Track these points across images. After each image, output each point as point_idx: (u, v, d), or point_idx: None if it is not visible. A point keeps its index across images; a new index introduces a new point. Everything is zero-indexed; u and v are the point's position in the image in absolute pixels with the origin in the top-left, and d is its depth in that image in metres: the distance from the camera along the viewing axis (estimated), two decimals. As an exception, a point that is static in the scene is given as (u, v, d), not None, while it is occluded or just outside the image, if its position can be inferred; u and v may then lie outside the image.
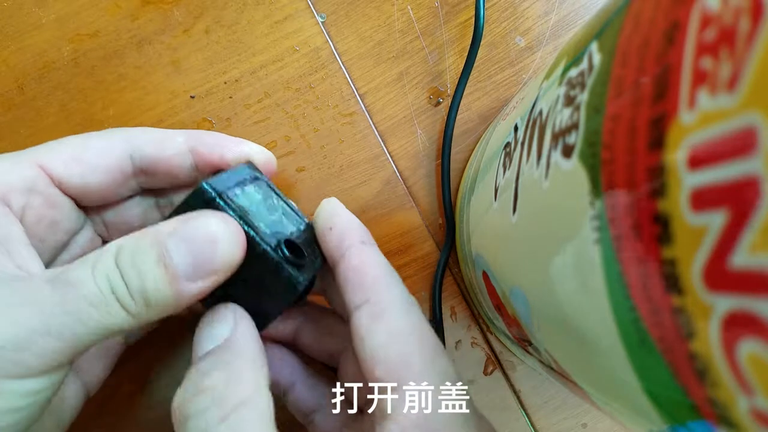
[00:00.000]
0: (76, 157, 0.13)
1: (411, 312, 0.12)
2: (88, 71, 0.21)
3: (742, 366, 0.06)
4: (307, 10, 0.22)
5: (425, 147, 0.22)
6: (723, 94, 0.06)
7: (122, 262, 0.11)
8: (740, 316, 0.06)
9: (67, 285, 0.10)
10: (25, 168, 0.13)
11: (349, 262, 0.13)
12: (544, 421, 0.21)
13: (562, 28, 0.22)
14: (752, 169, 0.06)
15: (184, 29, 0.21)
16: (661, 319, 0.07)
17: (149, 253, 0.11)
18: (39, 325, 0.10)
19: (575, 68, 0.10)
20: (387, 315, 0.12)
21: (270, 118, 0.21)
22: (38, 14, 0.21)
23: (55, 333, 0.10)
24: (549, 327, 0.11)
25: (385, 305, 0.12)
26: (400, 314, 0.12)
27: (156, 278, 0.10)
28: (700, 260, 0.06)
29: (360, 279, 0.12)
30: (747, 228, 0.06)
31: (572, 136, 0.09)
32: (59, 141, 0.14)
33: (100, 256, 0.11)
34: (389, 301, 0.12)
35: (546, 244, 0.10)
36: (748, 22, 0.06)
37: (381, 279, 0.12)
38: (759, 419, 0.06)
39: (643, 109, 0.07)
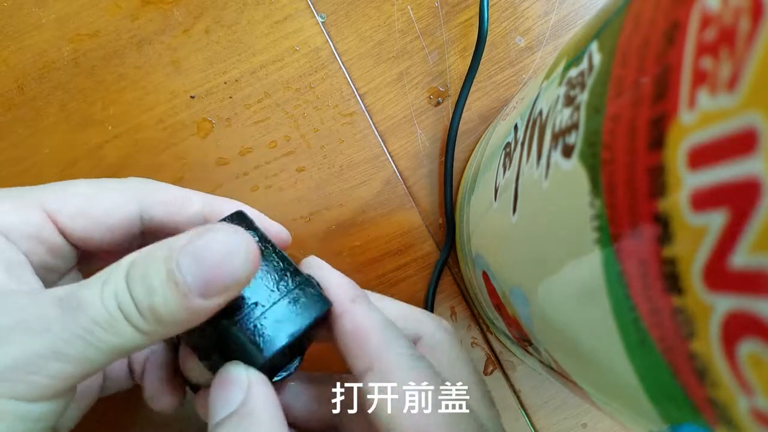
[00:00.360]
0: (84, 211, 0.13)
1: (414, 368, 0.12)
2: (88, 71, 0.21)
3: (742, 366, 0.06)
4: (307, 10, 0.22)
5: (425, 147, 0.22)
6: (723, 94, 0.06)
7: (132, 279, 0.10)
8: (740, 316, 0.06)
9: (75, 306, 0.10)
10: (33, 214, 0.12)
11: (345, 329, 0.12)
12: (544, 421, 0.21)
13: (562, 28, 0.22)
14: (752, 169, 0.06)
15: (184, 29, 0.21)
16: (661, 319, 0.07)
17: (160, 268, 0.10)
18: (49, 349, 0.10)
19: (575, 68, 0.10)
20: (394, 380, 0.11)
21: (270, 118, 0.21)
22: (38, 14, 0.21)
23: (66, 356, 0.10)
24: (549, 327, 0.11)
25: (391, 370, 0.11)
26: (407, 377, 0.11)
27: (166, 295, 0.10)
28: (700, 260, 0.06)
29: (359, 346, 0.12)
30: (747, 228, 0.06)
31: (572, 136, 0.09)
32: (68, 184, 0.13)
33: (112, 272, 0.10)
34: (394, 365, 0.11)
35: (546, 243, 0.10)
36: (748, 22, 0.06)
37: (381, 343, 0.12)
38: (759, 419, 0.06)
39: (643, 109, 0.07)
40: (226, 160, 0.21)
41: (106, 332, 0.10)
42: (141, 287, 0.10)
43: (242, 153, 0.21)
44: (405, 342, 0.12)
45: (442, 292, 0.22)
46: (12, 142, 0.21)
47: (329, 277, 0.13)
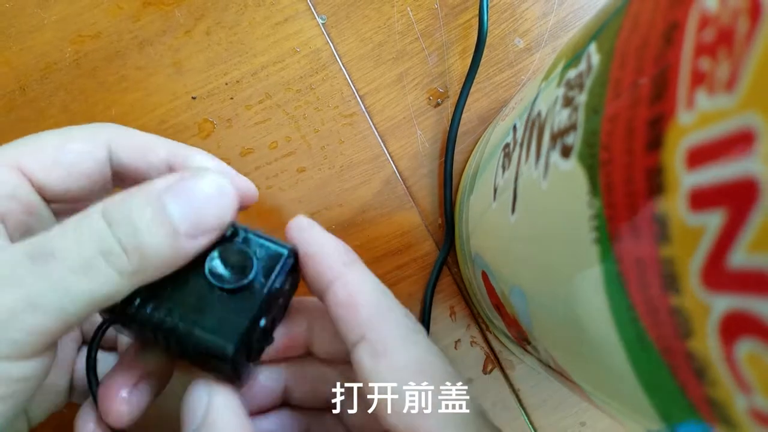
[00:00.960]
0: (57, 160, 0.12)
1: (414, 342, 0.11)
2: (90, 72, 0.21)
3: (740, 365, 0.06)
4: (308, 11, 0.22)
5: (425, 147, 0.22)
6: (721, 95, 0.06)
7: (114, 221, 0.10)
8: (738, 315, 0.06)
9: (48, 255, 0.09)
10: (6, 173, 0.12)
11: (336, 297, 0.11)
12: (543, 419, 0.21)
13: (561, 29, 0.22)
14: (750, 169, 0.06)
15: (186, 30, 0.21)
16: (659, 319, 0.07)
17: (144, 208, 0.10)
18: (23, 302, 0.09)
19: (574, 69, 0.10)
20: (388, 352, 0.11)
21: (271, 119, 0.21)
22: (40, 15, 0.21)
23: (41, 309, 0.09)
24: (548, 326, 0.11)
25: (384, 341, 0.11)
26: (402, 348, 0.11)
27: (153, 233, 0.10)
28: (698, 260, 0.06)
29: (352, 315, 0.11)
30: (745, 228, 0.06)
31: (571, 137, 0.09)
32: (37, 137, 0.13)
33: (84, 218, 0.10)
34: (388, 335, 0.11)
35: (545, 243, 0.10)
36: (746, 22, 0.06)
37: (374, 311, 0.11)
38: (757, 418, 0.06)
39: (641, 110, 0.07)
40: (227, 161, 0.21)
41: (82, 279, 0.09)
42: (125, 227, 0.10)
43: (243, 154, 0.21)
44: (402, 312, 0.12)
45: (441, 291, 0.22)
46: (14, 142, 0.21)
47: (319, 239, 0.12)
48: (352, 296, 0.11)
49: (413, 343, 0.11)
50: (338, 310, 0.11)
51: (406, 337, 0.11)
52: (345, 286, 0.11)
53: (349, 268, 0.12)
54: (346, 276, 0.12)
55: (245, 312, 0.11)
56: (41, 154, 0.12)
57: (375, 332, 0.11)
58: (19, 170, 0.12)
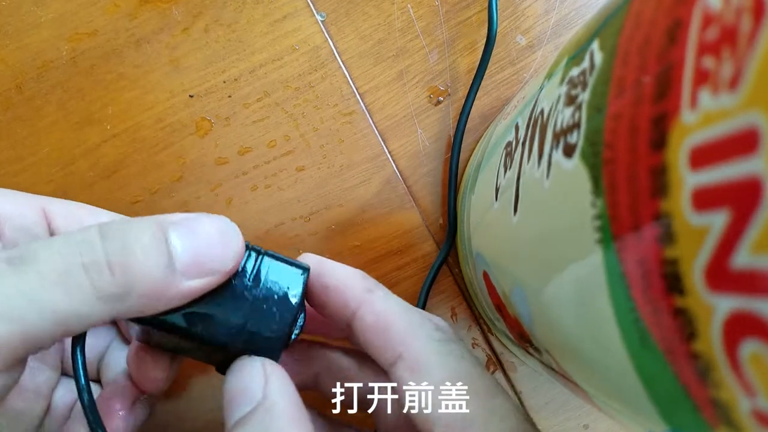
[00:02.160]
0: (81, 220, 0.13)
1: (449, 353, 0.11)
2: (87, 70, 0.21)
3: (744, 367, 0.06)
4: (307, 8, 0.21)
5: (425, 146, 0.22)
6: (725, 94, 0.06)
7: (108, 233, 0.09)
8: (742, 316, 0.06)
9: (27, 259, 0.09)
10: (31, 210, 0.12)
11: (366, 322, 0.11)
12: (546, 422, 0.21)
13: (563, 27, 0.22)
14: (754, 168, 0.06)
15: (183, 28, 0.21)
16: (662, 320, 0.07)
17: (144, 231, 0.09)
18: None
19: (576, 67, 0.10)
20: (425, 368, 0.11)
21: (269, 117, 0.21)
22: (37, 13, 0.21)
23: (4, 316, 0.08)
24: (550, 327, 0.11)
25: (419, 358, 0.11)
26: (437, 363, 0.11)
27: (147, 256, 0.09)
28: (701, 260, 0.06)
29: (384, 337, 0.11)
30: (749, 228, 0.06)
31: (574, 136, 0.09)
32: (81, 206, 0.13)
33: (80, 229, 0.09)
34: (422, 351, 0.11)
35: (547, 243, 0.10)
36: (750, 21, 0.06)
37: (405, 330, 0.11)
38: (761, 420, 0.06)
39: (644, 109, 0.07)
40: (225, 160, 0.21)
41: (55, 290, 0.08)
42: (117, 243, 0.09)
43: (241, 152, 0.21)
44: (432, 325, 0.12)
45: (442, 292, 0.22)
46: (10, 141, 0.21)
47: (334, 269, 0.12)
48: (381, 318, 0.11)
49: (447, 354, 0.11)
50: (369, 335, 0.11)
51: (439, 351, 0.11)
52: (373, 310, 0.11)
53: (372, 293, 0.12)
54: (371, 301, 0.12)
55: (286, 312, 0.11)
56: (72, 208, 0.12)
57: (410, 350, 0.11)
58: (43, 211, 0.12)
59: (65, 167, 0.21)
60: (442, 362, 0.11)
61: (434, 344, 0.11)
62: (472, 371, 0.11)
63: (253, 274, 0.11)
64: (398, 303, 0.12)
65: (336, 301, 0.12)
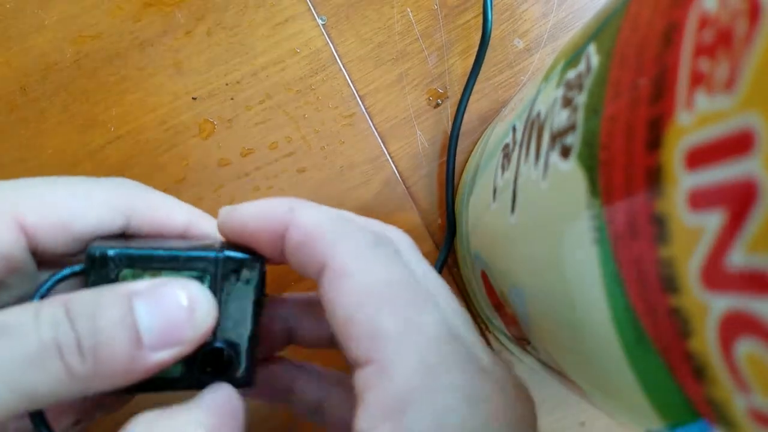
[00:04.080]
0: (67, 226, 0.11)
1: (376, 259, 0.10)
2: (91, 73, 0.21)
3: (740, 365, 0.06)
4: (308, 12, 0.22)
5: (425, 148, 0.22)
6: (720, 95, 0.06)
7: (75, 312, 0.09)
8: (737, 315, 0.06)
9: (3, 331, 0.09)
10: (6, 231, 0.10)
11: (292, 241, 0.10)
12: (542, 419, 0.21)
13: (561, 30, 0.22)
14: (749, 169, 0.06)
15: (186, 31, 0.21)
16: (658, 319, 0.07)
17: (110, 308, 0.09)
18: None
19: (573, 70, 0.10)
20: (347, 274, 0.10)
21: (271, 120, 0.21)
22: (41, 16, 0.21)
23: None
24: (547, 326, 0.11)
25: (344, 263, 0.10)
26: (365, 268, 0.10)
27: (115, 336, 0.09)
28: (697, 260, 0.06)
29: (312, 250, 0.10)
30: (744, 228, 0.06)
31: (570, 137, 0.09)
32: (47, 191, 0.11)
33: (47, 305, 0.09)
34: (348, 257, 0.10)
35: (544, 244, 0.10)
36: (745, 23, 0.06)
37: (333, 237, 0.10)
38: (756, 418, 0.06)
39: (640, 110, 0.07)
40: (228, 161, 0.21)
41: (29, 367, 0.08)
42: (86, 322, 0.09)
43: (244, 154, 0.21)
44: (367, 233, 0.10)
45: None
46: (15, 143, 0.21)
47: (248, 209, 0.11)
48: (308, 232, 0.10)
49: (375, 259, 0.10)
50: (299, 254, 0.10)
51: (367, 256, 0.10)
52: (297, 228, 0.10)
53: (296, 211, 0.11)
54: (296, 218, 0.11)
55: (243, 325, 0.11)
56: (51, 215, 0.11)
57: (334, 259, 0.10)
58: (19, 224, 0.10)
59: (69, 169, 0.21)
60: (368, 268, 0.10)
61: (363, 250, 0.10)
62: (402, 279, 0.10)
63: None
64: (327, 213, 0.11)
65: (261, 233, 0.11)
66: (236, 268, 0.11)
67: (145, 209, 0.12)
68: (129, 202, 0.12)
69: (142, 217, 0.12)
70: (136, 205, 0.12)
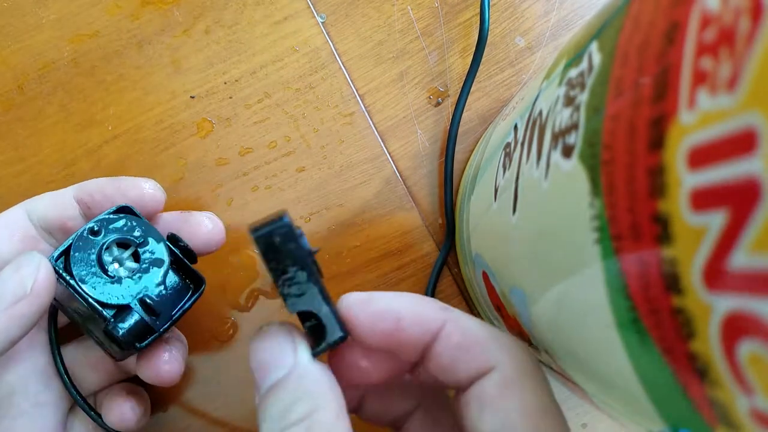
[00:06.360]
0: None
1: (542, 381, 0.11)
2: (88, 71, 0.21)
3: (742, 366, 0.06)
4: (307, 10, 0.22)
5: (425, 147, 0.22)
6: (723, 94, 0.06)
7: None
8: (740, 316, 0.06)
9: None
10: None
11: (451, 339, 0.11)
12: (544, 421, 0.21)
13: (562, 28, 0.22)
14: (752, 169, 0.06)
15: (184, 29, 0.21)
16: (660, 319, 0.07)
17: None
18: None
19: (575, 68, 0.10)
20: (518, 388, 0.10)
21: (270, 119, 0.21)
22: (38, 14, 0.21)
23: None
24: (548, 327, 0.11)
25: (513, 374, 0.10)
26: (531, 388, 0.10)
27: None
28: (699, 260, 0.06)
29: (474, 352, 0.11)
30: (747, 228, 0.06)
31: (572, 137, 0.09)
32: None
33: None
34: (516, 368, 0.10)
35: (546, 244, 0.10)
36: (748, 22, 0.06)
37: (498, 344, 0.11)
38: (759, 419, 0.06)
39: (643, 109, 0.07)
40: (226, 161, 0.21)
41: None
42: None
43: (242, 153, 0.21)
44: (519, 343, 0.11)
45: (441, 292, 0.22)
46: (12, 142, 0.21)
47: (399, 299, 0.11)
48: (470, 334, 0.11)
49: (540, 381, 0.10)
50: (456, 352, 0.11)
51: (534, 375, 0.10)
52: (458, 326, 0.11)
53: (450, 311, 0.11)
54: (455, 318, 0.11)
55: None
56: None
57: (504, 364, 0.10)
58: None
59: (67, 168, 0.21)
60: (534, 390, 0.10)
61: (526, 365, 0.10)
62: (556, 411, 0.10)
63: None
64: (477, 320, 0.11)
65: (412, 326, 0.11)
66: None
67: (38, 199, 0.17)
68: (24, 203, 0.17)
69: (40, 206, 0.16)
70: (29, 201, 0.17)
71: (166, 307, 0.15)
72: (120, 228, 0.15)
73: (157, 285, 0.15)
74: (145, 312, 0.14)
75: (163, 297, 0.15)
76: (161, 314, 0.15)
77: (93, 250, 0.15)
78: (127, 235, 0.15)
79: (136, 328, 0.14)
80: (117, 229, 0.15)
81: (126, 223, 0.15)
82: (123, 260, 0.15)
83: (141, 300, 0.14)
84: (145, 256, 0.15)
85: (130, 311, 0.14)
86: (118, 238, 0.15)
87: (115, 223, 0.15)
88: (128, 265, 0.15)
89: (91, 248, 0.15)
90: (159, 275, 0.15)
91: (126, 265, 0.15)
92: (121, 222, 0.15)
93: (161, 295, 0.15)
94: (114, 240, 0.15)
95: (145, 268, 0.15)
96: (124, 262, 0.15)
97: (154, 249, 0.15)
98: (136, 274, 0.15)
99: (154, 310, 0.14)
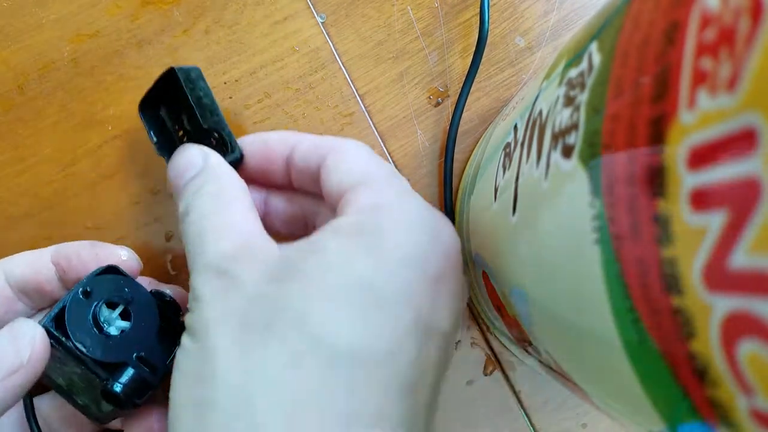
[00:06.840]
0: None
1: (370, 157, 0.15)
2: (88, 71, 0.21)
3: (742, 366, 0.06)
4: (307, 10, 0.22)
5: (425, 147, 0.22)
6: (723, 94, 0.06)
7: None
8: (740, 316, 0.06)
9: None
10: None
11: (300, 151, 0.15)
12: (544, 421, 0.21)
13: (562, 28, 0.22)
14: (752, 169, 0.06)
15: (184, 29, 0.21)
16: (660, 320, 0.07)
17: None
18: None
19: (575, 68, 0.10)
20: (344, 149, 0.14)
21: (270, 119, 0.21)
22: (38, 14, 0.21)
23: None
24: (549, 327, 0.11)
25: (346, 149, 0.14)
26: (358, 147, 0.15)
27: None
28: (699, 260, 0.06)
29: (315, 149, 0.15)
30: (747, 228, 0.06)
31: (572, 137, 0.09)
32: None
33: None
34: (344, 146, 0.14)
35: (545, 244, 0.10)
36: (748, 22, 0.06)
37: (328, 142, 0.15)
38: (759, 419, 0.06)
39: (642, 109, 0.07)
40: (226, 161, 0.21)
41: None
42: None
43: (242, 153, 0.21)
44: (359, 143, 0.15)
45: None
46: (12, 142, 0.21)
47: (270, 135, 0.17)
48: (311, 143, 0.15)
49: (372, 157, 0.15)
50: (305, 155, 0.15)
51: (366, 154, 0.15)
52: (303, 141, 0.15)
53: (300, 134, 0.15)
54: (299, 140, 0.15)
55: None
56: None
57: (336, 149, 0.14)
58: None
59: (66, 168, 0.21)
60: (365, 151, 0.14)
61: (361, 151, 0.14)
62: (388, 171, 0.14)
63: None
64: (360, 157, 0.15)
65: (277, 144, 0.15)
66: None
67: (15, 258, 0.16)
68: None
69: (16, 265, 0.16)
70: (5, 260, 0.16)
71: (160, 361, 0.15)
72: (109, 287, 0.16)
73: (148, 340, 0.15)
74: (142, 368, 0.15)
75: (156, 351, 0.15)
76: (157, 368, 0.15)
77: (87, 310, 0.15)
78: (116, 294, 0.16)
79: (134, 385, 0.14)
80: (107, 288, 0.15)
81: (114, 282, 0.16)
82: (114, 319, 0.15)
83: (138, 356, 0.15)
84: (135, 314, 0.16)
85: (125, 368, 0.14)
86: (109, 298, 0.15)
87: (105, 283, 0.15)
88: (119, 324, 0.15)
89: (85, 309, 0.15)
90: (150, 331, 0.16)
91: (116, 324, 0.15)
92: (110, 281, 0.16)
93: (154, 350, 0.15)
94: (105, 300, 0.15)
95: (136, 325, 0.15)
96: (116, 321, 0.15)
97: (142, 306, 0.16)
98: (128, 331, 0.15)
99: (152, 365, 0.15)
